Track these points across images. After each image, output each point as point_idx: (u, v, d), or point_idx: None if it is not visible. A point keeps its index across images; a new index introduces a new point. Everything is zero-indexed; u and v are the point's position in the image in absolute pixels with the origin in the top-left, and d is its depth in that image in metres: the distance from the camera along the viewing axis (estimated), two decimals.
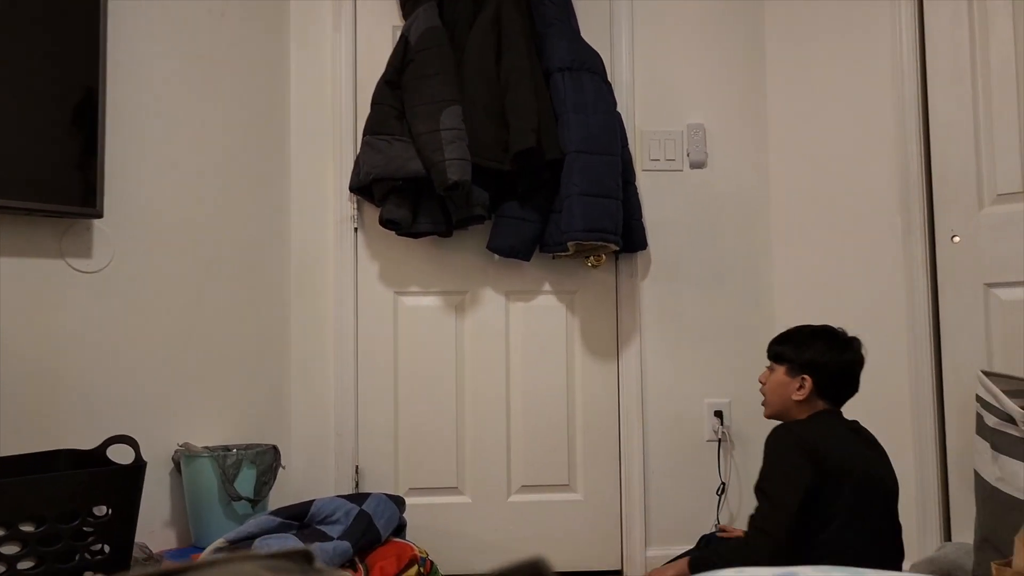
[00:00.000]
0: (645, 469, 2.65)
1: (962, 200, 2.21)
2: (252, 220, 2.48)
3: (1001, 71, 2.15)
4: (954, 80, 2.24)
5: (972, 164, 2.20)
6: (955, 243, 2.21)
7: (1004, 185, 2.14)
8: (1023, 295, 2.07)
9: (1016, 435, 1.66)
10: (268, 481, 2.20)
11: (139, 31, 2.15)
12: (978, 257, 2.17)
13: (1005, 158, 2.13)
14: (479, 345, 2.65)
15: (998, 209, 2.15)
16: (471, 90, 2.44)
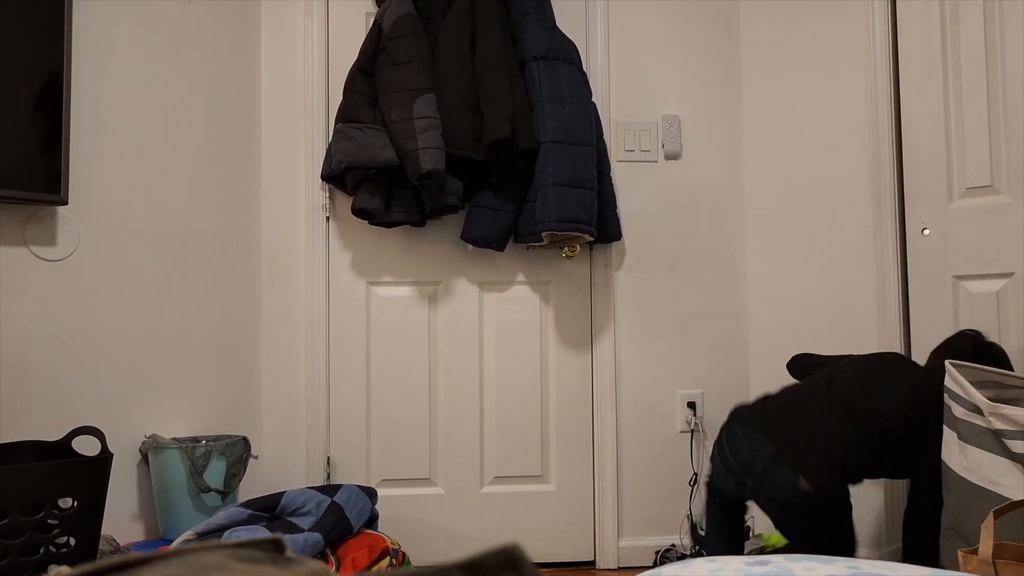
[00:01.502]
0: (618, 460, 2.66)
1: (932, 193, 2.23)
2: (221, 208, 2.45)
3: (971, 65, 2.17)
4: (925, 73, 2.26)
5: (942, 158, 2.22)
6: (925, 236, 2.23)
7: (973, 179, 2.16)
8: (991, 288, 2.11)
9: (982, 425, 1.68)
10: (238, 473, 2.18)
11: (106, 15, 2.10)
12: (948, 250, 2.19)
13: (974, 152, 2.16)
14: (452, 335, 2.64)
15: (967, 203, 2.18)
16: (445, 79, 2.41)
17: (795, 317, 2.61)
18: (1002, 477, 1.64)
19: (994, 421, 1.65)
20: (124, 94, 2.15)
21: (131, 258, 2.15)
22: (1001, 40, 2.11)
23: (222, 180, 2.45)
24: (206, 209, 2.39)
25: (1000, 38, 2.12)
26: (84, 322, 2.03)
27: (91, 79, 2.05)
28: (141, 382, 2.17)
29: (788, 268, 2.64)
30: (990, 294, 2.11)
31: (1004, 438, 1.63)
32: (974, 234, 2.15)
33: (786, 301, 2.64)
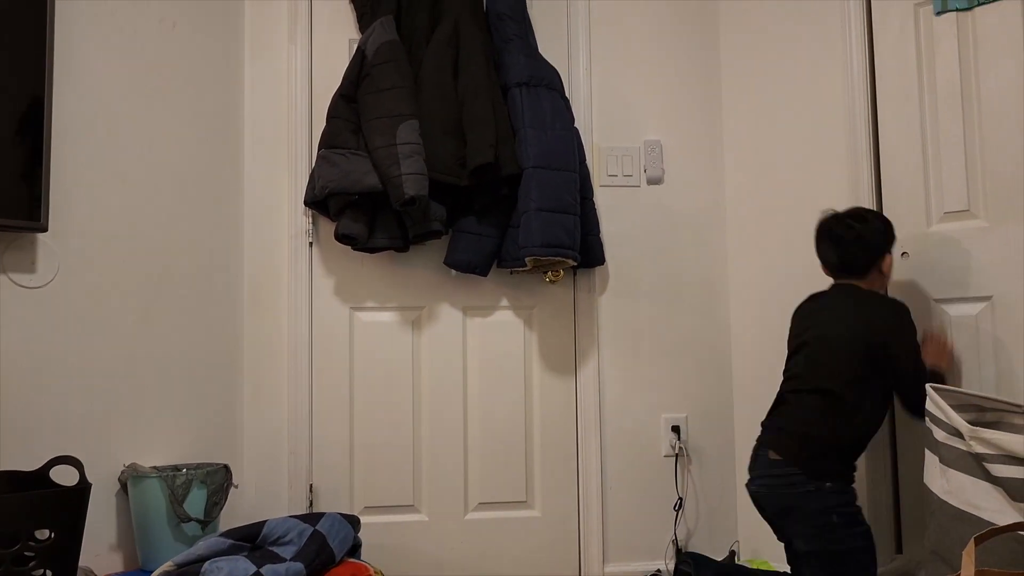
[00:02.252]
0: (603, 485, 2.65)
1: (911, 217, 2.26)
2: (204, 234, 2.44)
3: (947, 92, 2.20)
4: (902, 99, 2.29)
5: (920, 182, 2.25)
6: (905, 259, 2.25)
7: (951, 204, 2.19)
8: (970, 311, 2.12)
9: (963, 449, 1.69)
10: (219, 502, 2.15)
11: (88, 40, 2.10)
12: (927, 273, 2.21)
13: (951, 177, 2.19)
14: (436, 361, 2.63)
15: (945, 227, 2.20)
16: (428, 104, 2.42)
17: (777, 340, 2.62)
18: (983, 501, 1.65)
19: (975, 445, 1.66)
20: (106, 120, 2.14)
21: (111, 285, 2.14)
22: (975, 68, 2.15)
23: (204, 206, 2.44)
24: (188, 235, 2.38)
25: (974, 66, 2.15)
26: (63, 350, 2.01)
27: (73, 105, 2.05)
28: (121, 410, 2.14)
29: (770, 291, 2.65)
30: (969, 317, 2.13)
31: (985, 462, 1.64)
32: (952, 258, 2.17)
33: (768, 324, 2.65)
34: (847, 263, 2.09)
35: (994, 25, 2.11)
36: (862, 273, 2.08)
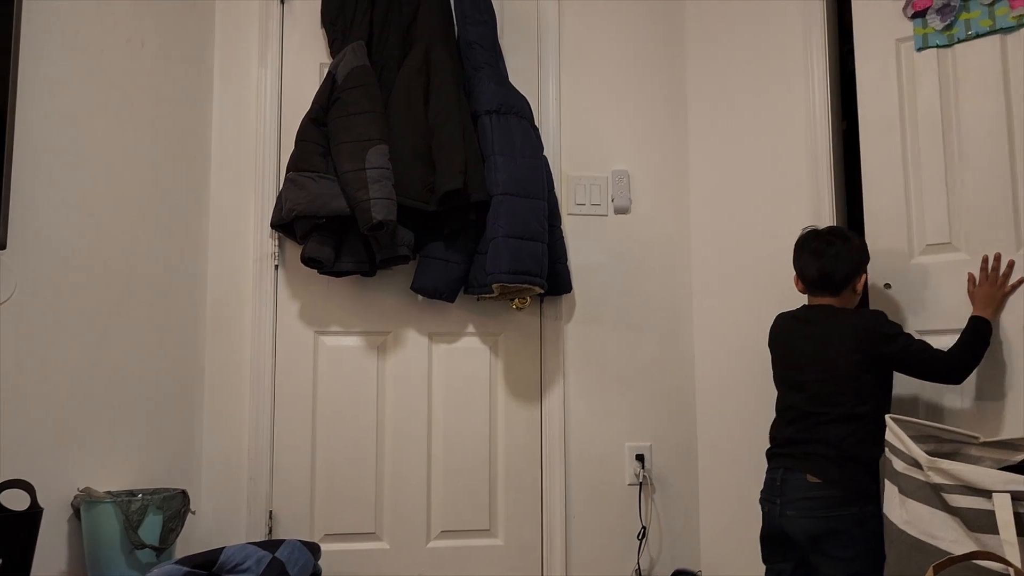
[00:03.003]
0: (567, 513, 2.64)
1: (894, 249, 2.27)
2: (167, 256, 2.41)
3: (928, 125, 2.23)
4: (884, 132, 2.32)
5: (903, 214, 2.27)
6: (887, 291, 2.28)
7: (933, 236, 2.21)
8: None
9: (921, 479, 1.71)
10: (175, 528, 2.11)
11: (53, 57, 2.08)
12: (909, 305, 2.23)
13: (933, 210, 2.21)
14: (401, 386, 2.61)
15: (927, 259, 2.22)
16: (398, 130, 2.43)
17: (741, 370, 2.65)
18: (941, 531, 1.67)
19: (933, 475, 1.68)
20: (70, 138, 2.11)
21: (71, 305, 2.09)
22: (956, 103, 2.19)
23: (169, 227, 2.41)
24: (151, 256, 2.34)
25: (955, 101, 2.19)
26: (17, 370, 1.97)
27: (36, 123, 2.02)
28: (76, 433, 2.09)
29: (733, 321, 2.68)
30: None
31: (943, 492, 1.66)
32: (935, 290, 2.19)
33: (732, 354, 2.67)
34: (826, 278, 2.11)
35: (974, 62, 2.16)
36: (838, 290, 2.11)
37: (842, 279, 2.10)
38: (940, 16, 2.20)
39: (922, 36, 2.25)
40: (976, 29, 2.15)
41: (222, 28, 2.64)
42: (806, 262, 2.15)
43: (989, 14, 2.13)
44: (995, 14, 2.12)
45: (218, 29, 2.64)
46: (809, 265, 2.14)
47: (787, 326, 2.21)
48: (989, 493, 1.58)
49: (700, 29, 2.87)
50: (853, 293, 2.14)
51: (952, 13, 2.18)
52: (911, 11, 2.26)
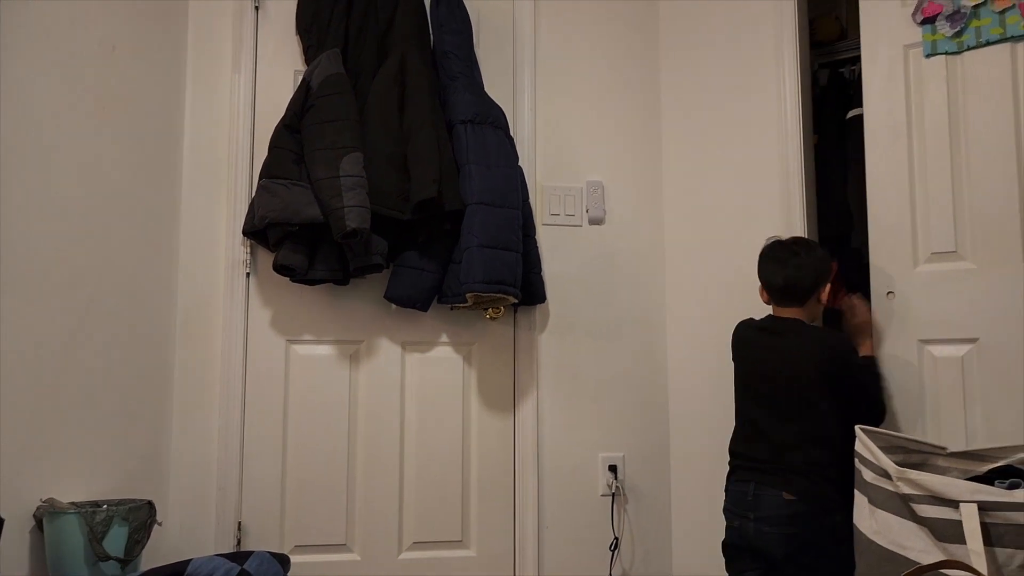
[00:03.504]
0: (539, 524, 2.63)
1: (898, 257, 2.27)
2: (136, 262, 2.37)
3: (935, 133, 2.23)
4: (890, 139, 2.31)
5: (907, 222, 2.26)
6: (890, 299, 2.28)
7: (938, 244, 2.21)
8: (956, 352, 2.15)
9: (890, 489, 1.73)
10: (141, 540, 2.07)
11: (23, 60, 2.04)
12: (913, 314, 2.23)
13: (939, 218, 2.21)
14: (373, 396, 2.59)
15: (932, 267, 2.22)
16: (373, 138, 2.42)
17: (714, 381, 2.66)
18: (909, 540, 1.68)
19: (902, 486, 1.70)
20: (40, 142, 2.08)
21: (38, 310, 2.05)
22: (964, 109, 2.19)
23: (139, 233, 2.38)
24: (119, 262, 2.31)
25: (963, 107, 2.19)
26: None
27: (5, 126, 1.98)
28: (40, 442, 2.05)
29: (707, 332, 2.69)
30: (955, 359, 2.15)
31: (911, 502, 1.68)
32: (939, 299, 2.19)
33: (705, 366, 2.69)
34: (791, 287, 2.14)
35: (983, 70, 2.17)
36: (803, 299, 2.15)
37: (807, 288, 2.14)
38: (950, 23, 2.20)
39: (931, 43, 2.25)
40: (987, 37, 2.16)
41: (195, 33, 2.62)
42: (771, 271, 2.18)
43: (1000, 22, 2.14)
44: (1006, 22, 2.13)
45: (191, 34, 2.62)
46: (775, 274, 2.17)
47: (752, 337, 2.23)
48: (956, 503, 1.60)
49: (674, 41, 2.89)
50: (817, 303, 2.17)
51: (962, 20, 2.18)
52: (920, 17, 2.26)
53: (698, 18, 2.83)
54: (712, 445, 2.62)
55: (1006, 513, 1.56)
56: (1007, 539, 1.55)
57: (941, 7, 2.22)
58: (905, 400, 2.21)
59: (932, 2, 2.24)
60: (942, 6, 2.22)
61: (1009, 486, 1.67)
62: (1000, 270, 2.11)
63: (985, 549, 1.55)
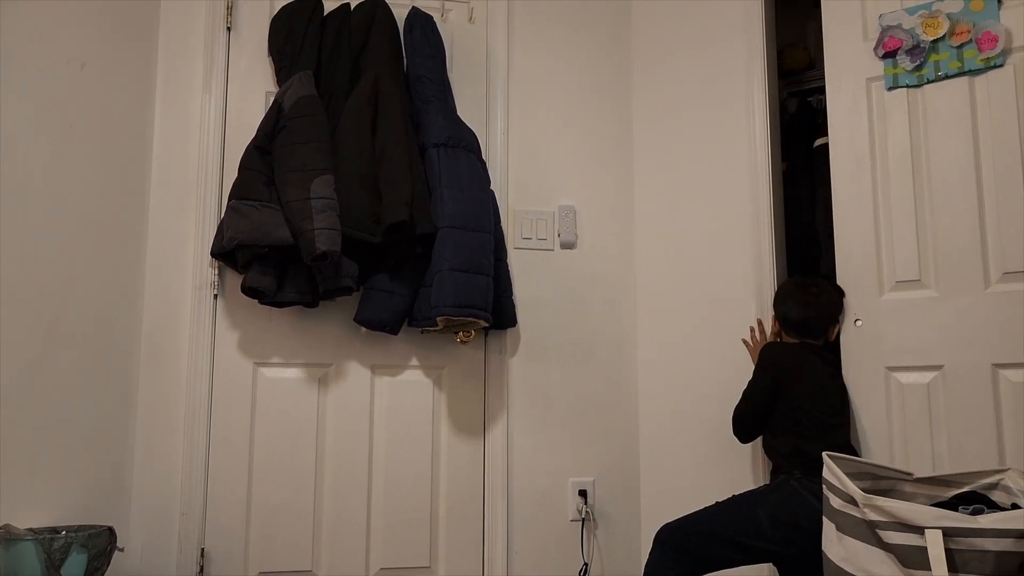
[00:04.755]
0: (508, 550, 2.61)
1: (864, 285, 2.30)
2: (102, 283, 2.33)
3: (898, 163, 2.28)
4: (854, 169, 2.35)
5: (873, 251, 2.30)
6: (858, 327, 2.31)
7: (903, 273, 2.25)
8: (922, 379, 2.17)
9: (857, 516, 1.74)
10: (101, 567, 2.02)
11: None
12: (879, 341, 2.26)
13: (903, 246, 2.25)
14: (342, 420, 2.56)
15: (897, 295, 2.25)
16: (345, 160, 2.41)
17: (685, 406, 2.67)
18: (876, 567, 1.69)
19: (868, 512, 1.70)
20: (5, 160, 2.05)
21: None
22: (925, 140, 2.24)
23: (105, 254, 2.35)
24: (84, 283, 2.27)
25: (924, 138, 2.24)
26: None
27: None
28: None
29: (677, 357, 2.70)
30: (920, 386, 2.18)
31: (878, 528, 1.69)
32: (904, 326, 2.22)
33: (678, 392, 2.69)
34: (809, 324, 2.31)
35: (943, 102, 2.22)
36: (818, 336, 2.32)
37: (822, 328, 2.32)
38: (910, 57, 2.26)
39: (892, 76, 2.30)
40: (945, 70, 2.22)
41: (166, 53, 2.60)
42: (789, 310, 2.34)
43: (958, 56, 2.20)
44: (964, 56, 2.19)
45: (162, 54, 2.60)
46: (792, 313, 2.33)
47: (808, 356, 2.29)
48: (922, 529, 1.61)
49: (647, 68, 2.93)
50: (827, 342, 2.33)
51: (922, 54, 2.24)
52: (882, 51, 2.32)
53: (669, 46, 2.87)
54: (683, 470, 2.63)
55: (970, 539, 1.57)
56: (971, 565, 1.56)
57: (901, 41, 2.28)
58: (873, 426, 2.23)
59: (893, 36, 2.29)
60: (902, 40, 2.28)
61: (973, 512, 1.68)
62: (963, 298, 2.14)
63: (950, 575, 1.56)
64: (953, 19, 2.21)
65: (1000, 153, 2.13)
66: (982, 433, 2.07)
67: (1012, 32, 2.14)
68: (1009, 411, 2.04)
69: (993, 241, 2.12)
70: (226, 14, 2.62)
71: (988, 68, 2.16)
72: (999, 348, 2.08)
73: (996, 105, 2.15)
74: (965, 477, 1.89)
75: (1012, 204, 2.10)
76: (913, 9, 2.28)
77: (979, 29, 2.17)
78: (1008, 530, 1.54)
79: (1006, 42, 2.14)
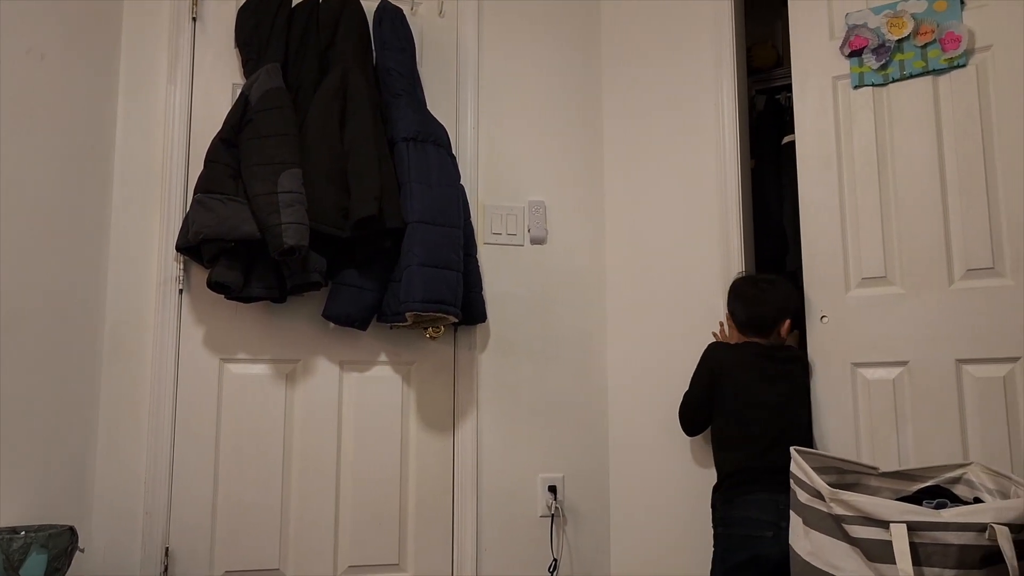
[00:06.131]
0: (478, 546, 2.60)
1: (830, 281, 2.32)
2: (62, 277, 2.28)
3: (864, 161, 2.30)
4: (821, 167, 2.37)
5: (839, 247, 2.32)
6: (824, 323, 2.32)
7: (868, 269, 2.27)
8: (887, 375, 2.21)
9: (824, 511, 1.75)
10: (61, 567, 1.98)
11: None
12: (845, 337, 2.28)
13: (869, 244, 2.28)
14: (310, 416, 2.54)
15: (863, 292, 2.28)
16: (313, 154, 2.38)
17: (654, 402, 2.68)
18: (842, 561, 1.71)
19: (834, 507, 1.72)
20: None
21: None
22: (890, 138, 2.27)
23: (65, 248, 2.29)
24: (44, 279, 2.22)
25: (889, 137, 2.27)
26: None
27: None
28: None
29: (647, 353, 2.71)
30: (886, 381, 2.21)
31: (844, 523, 1.71)
32: (870, 323, 2.25)
33: (644, 385, 2.70)
34: (754, 321, 2.31)
35: (907, 101, 2.25)
36: (766, 332, 2.30)
37: (770, 324, 2.30)
38: (876, 56, 2.29)
39: (858, 74, 2.33)
40: (910, 70, 2.25)
41: (129, 43, 2.55)
42: (737, 307, 2.35)
43: (922, 56, 2.23)
44: (928, 56, 2.22)
45: (125, 44, 2.54)
46: (739, 310, 2.34)
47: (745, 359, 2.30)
48: (887, 523, 1.63)
49: (617, 64, 2.93)
50: (778, 336, 2.31)
51: (887, 53, 2.27)
52: (848, 50, 2.35)
53: (639, 42, 2.88)
54: (652, 466, 2.64)
55: (933, 533, 1.59)
56: (935, 559, 1.59)
57: (867, 41, 2.31)
58: (840, 421, 2.26)
59: (859, 36, 2.32)
60: (868, 40, 2.30)
61: (936, 506, 1.71)
62: (928, 294, 2.17)
63: (914, 569, 1.58)
64: (918, 19, 2.24)
65: (963, 152, 2.16)
66: (946, 428, 2.10)
67: (975, 33, 2.17)
68: (972, 406, 2.08)
69: (957, 238, 2.15)
70: (192, 4, 2.57)
71: (951, 68, 2.20)
72: (963, 344, 2.11)
73: (959, 104, 2.18)
74: (929, 471, 1.92)
75: (975, 202, 2.13)
76: (879, 8, 2.30)
77: (943, 29, 2.20)
78: (970, 524, 1.57)
79: (969, 42, 2.17)
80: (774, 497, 2.09)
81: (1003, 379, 2.05)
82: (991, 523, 1.54)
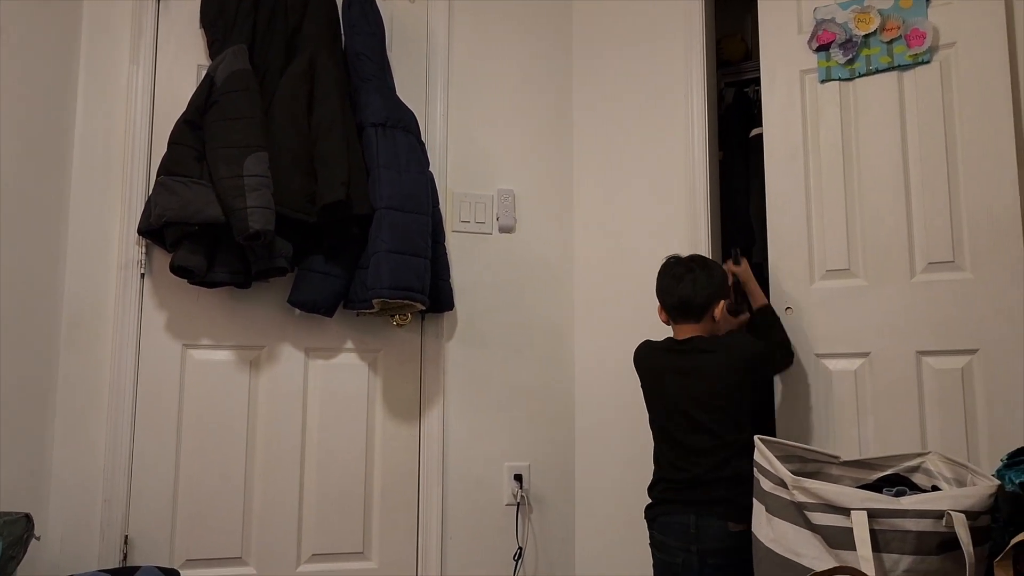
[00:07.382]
0: (443, 535, 2.60)
1: (796, 273, 2.35)
2: (18, 259, 2.23)
3: (830, 155, 2.33)
4: (788, 159, 2.39)
5: (804, 239, 2.34)
6: (789, 314, 2.34)
7: (832, 262, 2.30)
8: (850, 366, 2.23)
9: (786, 498, 1.77)
10: (16, 555, 1.93)
11: None
12: (809, 328, 2.30)
13: (833, 236, 2.30)
14: (274, 403, 2.51)
15: (827, 284, 2.30)
16: (279, 138, 2.35)
17: (620, 392, 2.69)
18: (804, 548, 1.73)
19: (797, 494, 1.74)
20: None
21: None
22: (856, 132, 2.29)
23: (22, 230, 2.23)
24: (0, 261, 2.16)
25: (855, 131, 2.29)
26: None
27: None
28: None
29: (614, 344, 2.72)
30: (848, 372, 2.23)
31: (806, 510, 1.72)
32: (834, 315, 2.27)
33: (611, 376, 2.71)
34: (685, 304, 2.12)
35: (873, 96, 2.28)
36: (698, 316, 2.12)
37: (701, 306, 2.11)
38: (843, 51, 2.31)
39: (826, 69, 2.36)
40: (876, 65, 2.28)
41: (91, 21, 2.48)
42: (666, 288, 2.16)
43: (888, 51, 2.26)
44: (894, 51, 2.25)
45: (86, 22, 2.48)
46: (669, 291, 2.15)
47: (660, 359, 2.18)
48: (848, 511, 1.65)
49: (587, 54, 2.93)
50: (712, 321, 2.13)
51: (854, 48, 2.30)
52: (815, 44, 2.37)
53: (610, 34, 2.88)
54: (617, 456, 2.66)
55: (892, 520, 1.62)
56: (893, 545, 1.61)
57: (834, 35, 2.33)
58: (803, 411, 2.29)
59: (826, 30, 2.34)
60: (835, 35, 2.33)
61: (896, 494, 1.74)
62: (890, 287, 2.21)
63: (873, 555, 1.60)
64: (884, 15, 2.26)
65: (926, 147, 2.20)
66: (906, 418, 2.14)
67: (939, 29, 2.20)
68: (931, 397, 2.12)
69: (919, 232, 2.19)
70: None
71: (916, 64, 2.23)
72: (923, 336, 2.15)
73: (923, 100, 2.21)
74: (889, 460, 1.95)
75: (937, 197, 2.17)
76: (846, 4, 2.33)
77: (908, 26, 2.23)
78: (928, 511, 1.59)
79: (933, 39, 2.20)
80: (685, 520, 2.00)
81: (961, 371, 2.09)
82: (948, 510, 1.56)
